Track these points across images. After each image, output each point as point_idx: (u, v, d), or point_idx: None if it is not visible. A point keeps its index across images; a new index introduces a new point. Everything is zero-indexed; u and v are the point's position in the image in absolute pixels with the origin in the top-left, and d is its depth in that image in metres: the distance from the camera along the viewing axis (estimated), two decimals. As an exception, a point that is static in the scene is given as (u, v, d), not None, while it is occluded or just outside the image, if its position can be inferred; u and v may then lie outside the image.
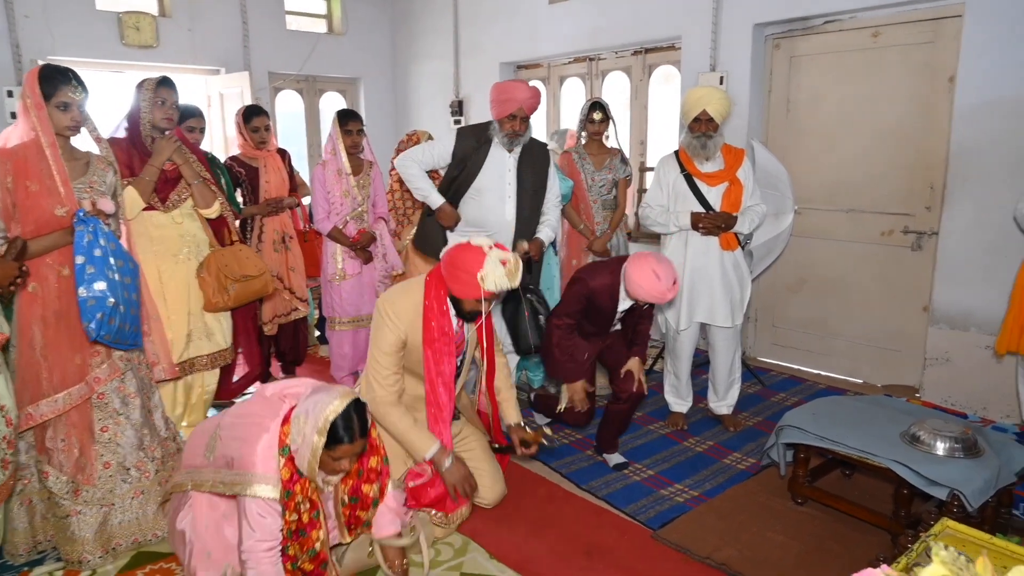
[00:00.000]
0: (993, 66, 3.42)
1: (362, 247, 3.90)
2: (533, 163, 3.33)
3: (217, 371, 3.29)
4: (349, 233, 3.88)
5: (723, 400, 3.65)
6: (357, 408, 1.97)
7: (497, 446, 2.86)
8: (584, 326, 3.07)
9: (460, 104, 6.55)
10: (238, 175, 3.92)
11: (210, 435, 2.17)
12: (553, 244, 3.91)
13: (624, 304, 3.00)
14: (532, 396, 3.60)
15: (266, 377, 4.27)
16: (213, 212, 3.10)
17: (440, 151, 3.32)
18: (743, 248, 3.47)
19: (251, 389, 4.20)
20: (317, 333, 5.01)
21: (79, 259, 2.25)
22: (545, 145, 3.46)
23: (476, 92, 6.42)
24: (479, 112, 6.42)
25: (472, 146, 3.26)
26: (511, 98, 3.13)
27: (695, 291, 3.43)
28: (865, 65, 3.99)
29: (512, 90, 3.16)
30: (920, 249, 3.88)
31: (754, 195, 3.37)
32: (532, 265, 3.40)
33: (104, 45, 5.40)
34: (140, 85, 2.90)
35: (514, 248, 3.25)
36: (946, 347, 3.74)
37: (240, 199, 3.96)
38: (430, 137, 4.19)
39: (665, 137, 5.15)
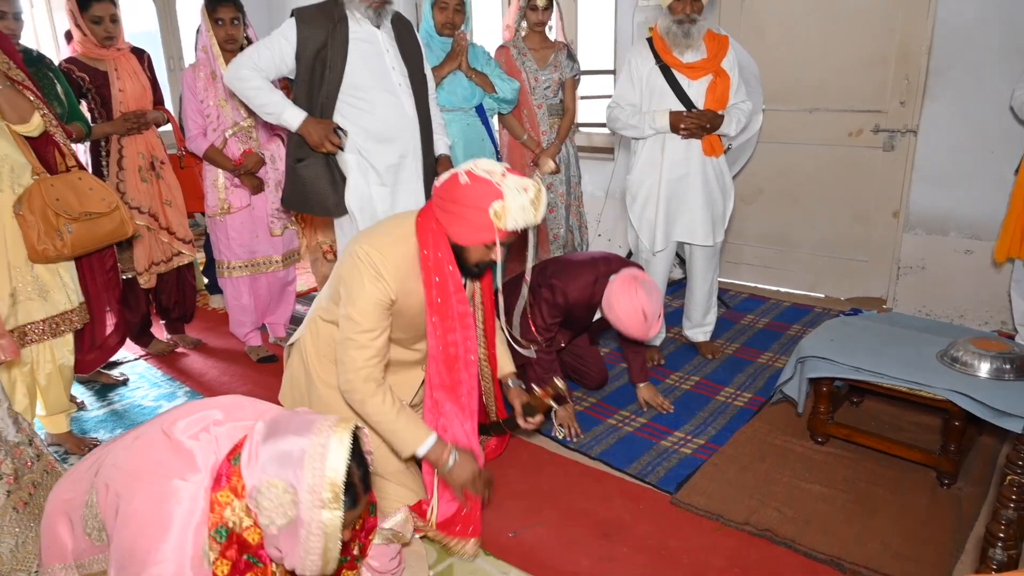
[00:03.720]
0: (982, -65, 3.06)
1: (248, 172, 3.07)
2: (409, 41, 2.51)
3: (69, 339, 2.46)
4: (231, 154, 3.05)
5: (700, 326, 3.25)
6: (356, 447, 1.24)
7: (492, 424, 2.23)
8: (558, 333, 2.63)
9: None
10: (80, 82, 2.95)
11: (85, 498, 1.37)
12: (497, 156, 3.27)
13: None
14: None
15: (145, 339, 3.44)
16: (32, 128, 2.20)
17: (282, 47, 2.33)
18: (726, 152, 2.99)
19: (124, 357, 3.37)
20: (206, 281, 4.15)
21: None
22: (407, 19, 2.63)
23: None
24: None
25: (323, 31, 2.33)
26: None
27: (673, 206, 2.94)
28: (833, -59, 3.53)
29: None
30: (892, 149, 3.56)
31: (739, 90, 2.87)
32: None
33: None
34: None
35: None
36: (922, 254, 3.50)
37: (88, 114, 3.01)
38: None
39: (600, 36, 4.55)
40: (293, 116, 2.31)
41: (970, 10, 3.13)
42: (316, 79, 2.35)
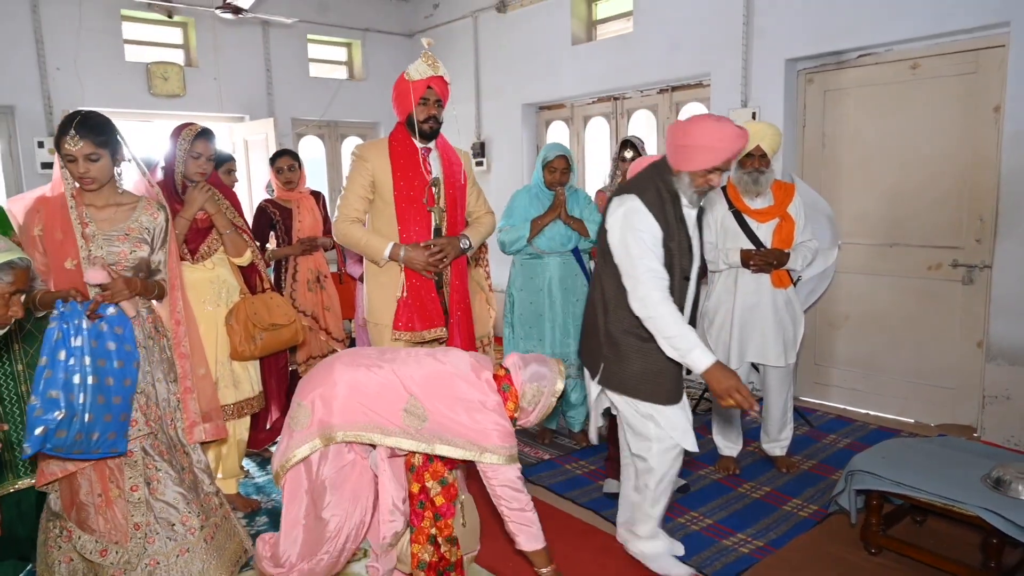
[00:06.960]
0: (1041, 95, 3.37)
1: None
2: (705, 216, 2.94)
3: (247, 419, 3.18)
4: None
5: (776, 441, 3.51)
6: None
7: None
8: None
9: (482, 146, 6.56)
10: (272, 216, 3.88)
11: (406, 402, 2.15)
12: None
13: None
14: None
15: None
16: (244, 261, 3.04)
17: (652, 241, 2.31)
18: (795, 285, 3.37)
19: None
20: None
21: (41, 359, 2.04)
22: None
23: (497, 134, 6.45)
24: (500, 154, 6.43)
25: (666, 212, 2.34)
26: (726, 147, 2.20)
27: (746, 330, 3.32)
28: (904, 97, 3.94)
29: (727, 136, 2.20)
30: (972, 283, 3.76)
31: (805, 231, 3.28)
32: None
33: (133, 95, 5.44)
34: (177, 134, 2.85)
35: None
36: (1006, 384, 3.60)
37: (274, 240, 3.91)
38: None
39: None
40: (699, 360, 2.24)
41: (1033, 159, 3.40)
42: (667, 261, 2.35)
